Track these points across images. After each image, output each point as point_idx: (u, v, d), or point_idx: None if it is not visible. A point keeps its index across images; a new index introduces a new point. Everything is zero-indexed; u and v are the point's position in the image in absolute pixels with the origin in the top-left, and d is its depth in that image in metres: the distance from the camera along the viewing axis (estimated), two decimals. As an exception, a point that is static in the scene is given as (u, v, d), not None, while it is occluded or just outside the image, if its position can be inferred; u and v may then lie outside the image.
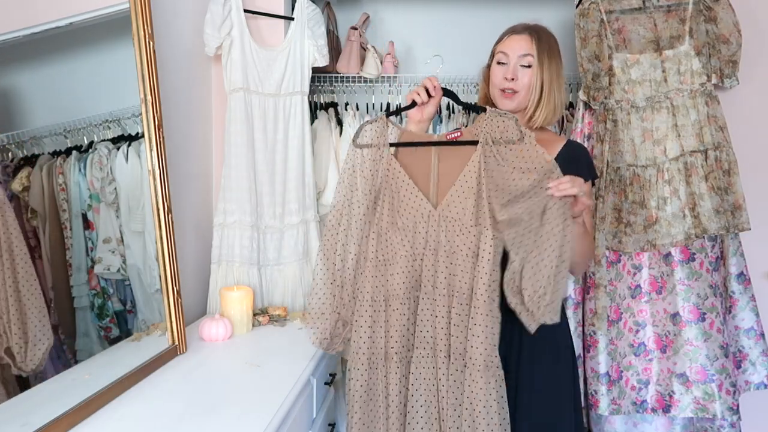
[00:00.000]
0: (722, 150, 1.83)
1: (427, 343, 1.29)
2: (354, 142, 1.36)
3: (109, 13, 1.36)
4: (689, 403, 1.80)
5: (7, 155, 1.07)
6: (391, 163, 1.33)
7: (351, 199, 1.34)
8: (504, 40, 1.45)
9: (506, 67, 1.41)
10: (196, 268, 1.90)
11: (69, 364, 1.18)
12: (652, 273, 1.87)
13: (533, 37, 1.40)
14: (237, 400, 1.19)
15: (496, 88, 1.43)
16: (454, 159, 1.31)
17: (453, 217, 1.28)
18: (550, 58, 1.40)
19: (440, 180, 1.32)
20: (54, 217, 1.20)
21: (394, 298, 1.31)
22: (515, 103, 1.41)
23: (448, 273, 1.28)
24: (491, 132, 1.28)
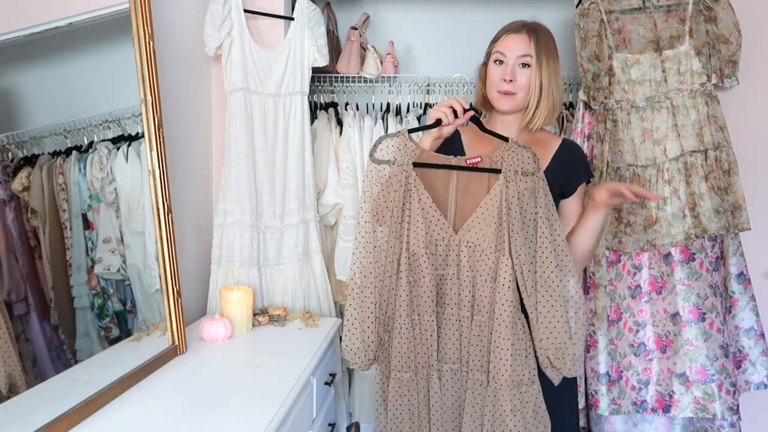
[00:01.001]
0: (722, 150, 1.83)
1: (455, 359, 1.33)
2: (372, 157, 1.33)
3: (109, 13, 1.36)
4: (689, 403, 1.80)
5: (7, 155, 1.07)
6: (417, 184, 1.31)
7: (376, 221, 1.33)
8: (501, 39, 1.41)
9: (504, 68, 1.39)
10: (196, 268, 1.90)
11: (69, 364, 1.18)
12: (652, 273, 1.88)
13: (531, 36, 1.37)
14: (237, 400, 1.19)
15: (494, 89, 1.41)
16: (473, 184, 1.32)
17: (474, 243, 1.30)
18: (548, 57, 1.38)
19: (458, 204, 1.33)
20: (54, 217, 1.20)
21: (423, 317, 1.32)
22: (514, 103, 1.40)
23: (471, 296, 1.31)
24: (512, 163, 1.29)
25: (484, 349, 1.30)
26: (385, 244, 1.32)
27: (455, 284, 1.32)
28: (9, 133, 1.08)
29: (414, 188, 1.31)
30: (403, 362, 1.31)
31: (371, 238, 1.32)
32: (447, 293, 1.32)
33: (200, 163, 1.96)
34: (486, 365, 1.30)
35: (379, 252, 1.33)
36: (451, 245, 1.31)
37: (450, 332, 1.33)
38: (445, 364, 1.34)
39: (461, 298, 1.31)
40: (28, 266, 1.11)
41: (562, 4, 2.44)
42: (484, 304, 1.30)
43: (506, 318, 1.25)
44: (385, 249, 1.33)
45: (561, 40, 2.47)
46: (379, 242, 1.33)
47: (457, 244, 1.31)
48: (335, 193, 2.13)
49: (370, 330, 1.32)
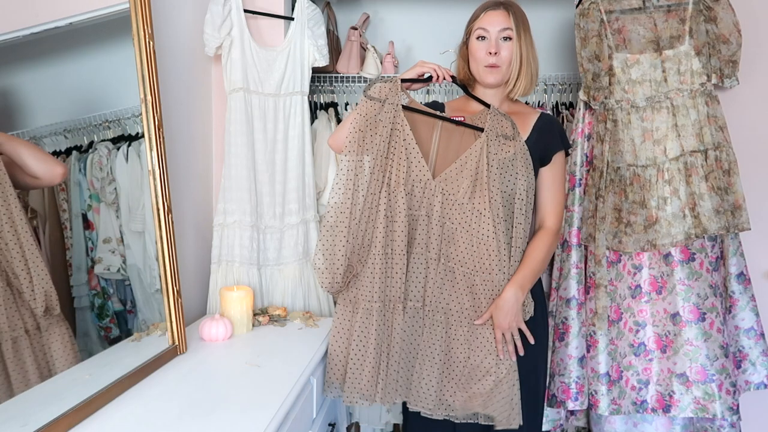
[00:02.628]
0: (722, 150, 1.83)
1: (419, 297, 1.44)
2: (366, 93, 1.45)
3: (109, 13, 1.36)
4: (689, 403, 1.80)
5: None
6: (403, 125, 1.43)
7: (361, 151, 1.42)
8: (481, 16, 1.51)
9: (488, 42, 1.48)
10: (196, 268, 1.90)
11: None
12: (652, 273, 1.88)
13: (509, 11, 1.48)
14: (237, 400, 1.19)
15: (480, 64, 1.50)
16: (455, 140, 1.45)
17: (449, 190, 1.42)
18: (525, 31, 1.49)
19: (438, 155, 1.45)
20: (54, 217, 1.20)
21: (397, 253, 1.42)
22: (500, 76, 1.50)
23: (441, 239, 1.42)
24: (494, 126, 1.43)
25: (446, 292, 1.42)
26: (368, 175, 1.41)
27: (425, 227, 1.42)
28: (9, 133, 1.07)
29: (401, 128, 1.43)
30: (375, 293, 1.41)
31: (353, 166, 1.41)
32: (417, 235, 1.42)
33: (200, 163, 1.96)
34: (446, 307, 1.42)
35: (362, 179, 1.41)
36: (427, 188, 1.42)
37: (416, 272, 1.43)
38: (409, 301, 1.43)
39: (430, 241, 1.42)
40: (28, 266, 1.10)
41: (562, 4, 2.44)
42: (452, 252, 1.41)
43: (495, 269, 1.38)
44: (368, 179, 1.41)
45: (561, 40, 2.48)
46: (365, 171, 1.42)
47: (432, 189, 1.41)
48: (335, 193, 2.13)
49: (340, 253, 1.40)
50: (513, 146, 1.42)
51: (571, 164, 1.99)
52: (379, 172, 1.42)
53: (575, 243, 1.95)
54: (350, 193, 1.40)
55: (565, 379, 1.90)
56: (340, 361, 1.45)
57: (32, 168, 1.13)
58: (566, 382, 1.90)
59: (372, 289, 1.42)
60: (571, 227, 1.96)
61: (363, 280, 1.43)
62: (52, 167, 1.19)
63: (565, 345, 1.92)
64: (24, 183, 1.12)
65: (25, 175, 1.11)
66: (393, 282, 1.43)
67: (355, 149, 1.41)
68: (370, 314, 1.41)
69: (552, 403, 1.95)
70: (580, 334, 1.91)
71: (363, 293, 1.43)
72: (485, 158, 1.38)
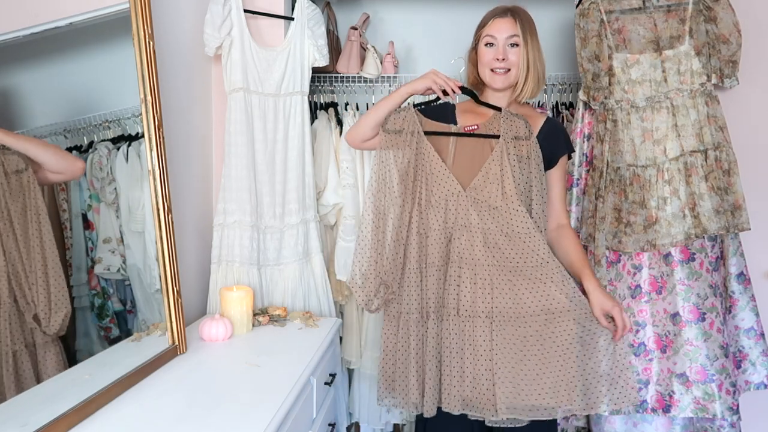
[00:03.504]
0: (722, 150, 1.83)
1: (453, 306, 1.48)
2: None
3: (109, 13, 1.36)
4: (689, 403, 1.80)
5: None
6: (426, 147, 1.53)
7: (386, 179, 1.55)
8: (489, 23, 1.57)
9: (495, 49, 1.55)
10: (196, 268, 1.90)
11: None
12: (652, 273, 1.87)
13: (516, 18, 1.54)
14: (237, 400, 1.19)
15: (487, 69, 1.57)
16: (469, 150, 1.54)
17: (481, 198, 1.50)
18: (532, 36, 1.55)
19: (455, 164, 1.53)
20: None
21: (431, 266, 1.51)
22: (508, 80, 1.56)
23: (486, 246, 1.49)
24: (508, 129, 1.51)
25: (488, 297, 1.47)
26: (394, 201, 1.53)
27: (467, 238, 1.49)
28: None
29: (425, 151, 1.53)
30: (412, 305, 1.51)
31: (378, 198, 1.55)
32: (456, 247, 1.49)
33: (200, 163, 1.96)
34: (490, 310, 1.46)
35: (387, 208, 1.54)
36: (460, 201, 1.50)
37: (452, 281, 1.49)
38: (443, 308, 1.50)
39: (472, 251, 1.48)
40: (28, 266, 1.11)
41: (562, 4, 2.44)
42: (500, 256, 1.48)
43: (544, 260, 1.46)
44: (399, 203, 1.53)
45: (561, 40, 2.48)
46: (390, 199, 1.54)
47: (465, 201, 1.50)
48: (335, 193, 2.13)
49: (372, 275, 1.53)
50: (527, 145, 1.50)
51: (569, 164, 1.99)
52: (408, 195, 1.52)
53: (575, 243, 1.95)
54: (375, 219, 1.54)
55: (565, 379, 1.91)
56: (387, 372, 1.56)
57: (53, 165, 1.18)
58: (566, 382, 1.90)
59: (410, 304, 1.52)
60: (570, 227, 1.96)
61: (401, 296, 1.53)
62: (72, 163, 1.25)
63: (565, 345, 1.92)
64: (47, 179, 1.16)
65: (47, 172, 1.15)
66: (430, 294, 1.51)
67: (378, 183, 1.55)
68: (408, 325, 1.52)
69: (552, 403, 1.95)
70: (580, 334, 1.91)
71: (405, 308, 1.53)
72: (507, 161, 1.48)
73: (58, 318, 1.14)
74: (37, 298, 1.11)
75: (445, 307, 1.50)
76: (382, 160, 1.56)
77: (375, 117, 1.61)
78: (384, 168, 1.56)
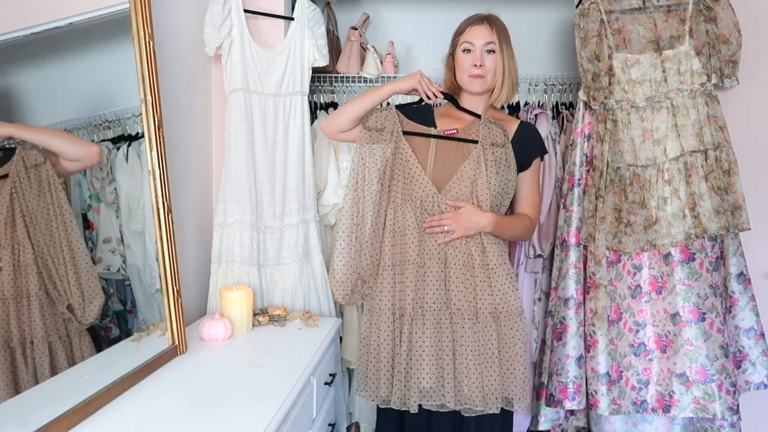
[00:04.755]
0: (722, 150, 1.83)
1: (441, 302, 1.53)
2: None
3: (109, 13, 1.36)
4: (689, 403, 1.80)
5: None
6: (405, 147, 1.58)
7: (365, 175, 1.60)
8: (466, 31, 1.62)
9: (473, 55, 1.60)
10: (196, 268, 1.90)
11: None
12: (652, 273, 1.87)
13: (492, 26, 1.60)
14: (237, 400, 1.19)
15: (465, 74, 1.62)
16: (450, 152, 1.58)
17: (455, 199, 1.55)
18: (506, 44, 1.61)
19: (435, 165, 1.58)
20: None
21: (408, 263, 1.55)
22: (485, 85, 1.61)
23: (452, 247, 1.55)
24: (487, 136, 1.57)
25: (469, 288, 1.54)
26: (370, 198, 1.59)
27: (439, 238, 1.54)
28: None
29: (403, 151, 1.59)
30: (384, 303, 1.56)
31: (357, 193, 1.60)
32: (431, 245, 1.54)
33: (200, 163, 1.96)
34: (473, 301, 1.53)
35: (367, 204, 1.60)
36: (435, 202, 1.55)
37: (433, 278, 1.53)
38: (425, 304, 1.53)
39: (447, 249, 1.54)
40: (28, 266, 1.11)
41: (562, 4, 2.44)
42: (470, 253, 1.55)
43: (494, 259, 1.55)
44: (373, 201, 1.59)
45: (561, 40, 2.48)
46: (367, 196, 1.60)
47: (440, 202, 1.55)
48: (335, 193, 2.13)
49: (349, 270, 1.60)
50: (504, 152, 1.56)
51: (570, 164, 1.99)
52: (385, 193, 1.58)
53: (573, 243, 1.95)
54: (353, 216, 1.60)
55: (563, 379, 1.91)
56: (362, 365, 1.61)
57: (70, 153, 1.19)
58: (564, 381, 1.90)
59: (382, 300, 1.57)
60: (569, 227, 1.96)
61: (376, 291, 1.59)
62: (88, 148, 1.25)
63: (562, 345, 1.92)
64: (65, 169, 1.17)
65: (64, 162, 1.16)
66: (407, 292, 1.54)
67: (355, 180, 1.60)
68: (380, 323, 1.57)
69: (549, 402, 1.95)
70: (577, 333, 1.91)
71: (377, 304, 1.58)
72: (483, 165, 1.53)
73: (93, 307, 1.19)
74: (69, 290, 1.14)
75: (420, 304, 1.54)
76: (362, 156, 1.61)
77: (356, 110, 1.64)
78: (362, 164, 1.61)
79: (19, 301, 1.05)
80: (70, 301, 1.14)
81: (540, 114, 2.12)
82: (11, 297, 1.04)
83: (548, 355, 1.98)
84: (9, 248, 1.04)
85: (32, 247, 1.07)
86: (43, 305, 1.09)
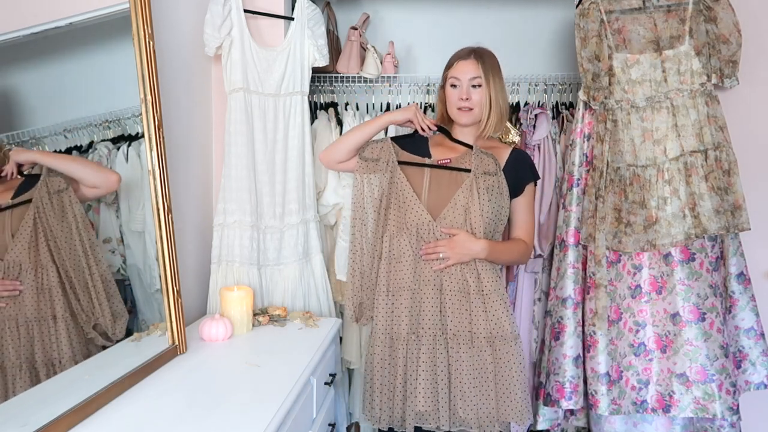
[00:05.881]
0: (722, 150, 1.83)
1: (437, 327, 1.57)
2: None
3: (109, 13, 1.36)
4: (689, 403, 1.80)
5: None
6: (400, 177, 1.63)
7: (363, 205, 1.68)
8: (454, 66, 1.67)
9: (460, 90, 1.65)
10: (196, 268, 1.90)
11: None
12: (652, 273, 1.87)
13: (478, 60, 1.64)
14: (237, 400, 1.19)
15: (454, 108, 1.67)
16: (444, 181, 1.62)
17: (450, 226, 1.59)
18: (494, 76, 1.64)
19: (430, 194, 1.62)
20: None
21: (404, 290, 1.59)
22: (472, 117, 1.66)
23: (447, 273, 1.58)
24: (479, 165, 1.61)
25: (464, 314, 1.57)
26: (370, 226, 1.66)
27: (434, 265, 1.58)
28: (9, 133, 1.07)
29: (398, 180, 1.63)
30: (380, 328, 1.61)
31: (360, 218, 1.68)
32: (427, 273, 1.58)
33: (200, 163, 1.96)
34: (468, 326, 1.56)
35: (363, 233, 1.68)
36: (431, 230, 1.58)
37: (430, 304, 1.58)
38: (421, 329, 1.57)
39: (442, 276, 1.58)
40: (28, 266, 1.11)
41: (562, 4, 2.45)
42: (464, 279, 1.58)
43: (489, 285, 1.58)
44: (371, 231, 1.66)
45: (561, 40, 2.48)
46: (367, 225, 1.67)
47: (435, 229, 1.58)
48: (335, 193, 2.13)
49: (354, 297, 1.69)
50: (496, 180, 1.60)
51: (569, 164, 1.99)
52: (381, 221, 1.63)
53: (572, 243, 1.95)
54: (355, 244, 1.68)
55: (560, 378, 1.91)
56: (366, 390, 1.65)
57: (90, 180, 1.22)
58: (561, 381, 1.90)
59: (378, 325, 1.62)
60: (568, 227, 1.96)
61: (375, 316, 1.63)
62: (107, 176, 1.29)
63: (560, 344, 1.92)
64: (84, 196, 1.21)
65: (84, 189, 1.19)
66: (402, 317, 1.59)
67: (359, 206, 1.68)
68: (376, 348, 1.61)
69: (547, 401, 1.95)
70: (575, 333, 1.92)
71: (375, 329, 1.63)
72: (476, 193, 1.58)
73: (121, 325, 1.27)
74: (99, 311, 1.20)
75: (416, 330, 1.58)
76: (360, 186, 1.68)
77: (353, 141, 1.70)
78: (359, 194, 1.68)
79: (43, 323, 1.08)
80: (99, 321, 1.20)
81: (540, 114, 2.12)
82: (34, 319, 1.07)
83: (546, 355, 1.99)
84: (32, 271, 1.07)
85: (57, 270, 1.10)
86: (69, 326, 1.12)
